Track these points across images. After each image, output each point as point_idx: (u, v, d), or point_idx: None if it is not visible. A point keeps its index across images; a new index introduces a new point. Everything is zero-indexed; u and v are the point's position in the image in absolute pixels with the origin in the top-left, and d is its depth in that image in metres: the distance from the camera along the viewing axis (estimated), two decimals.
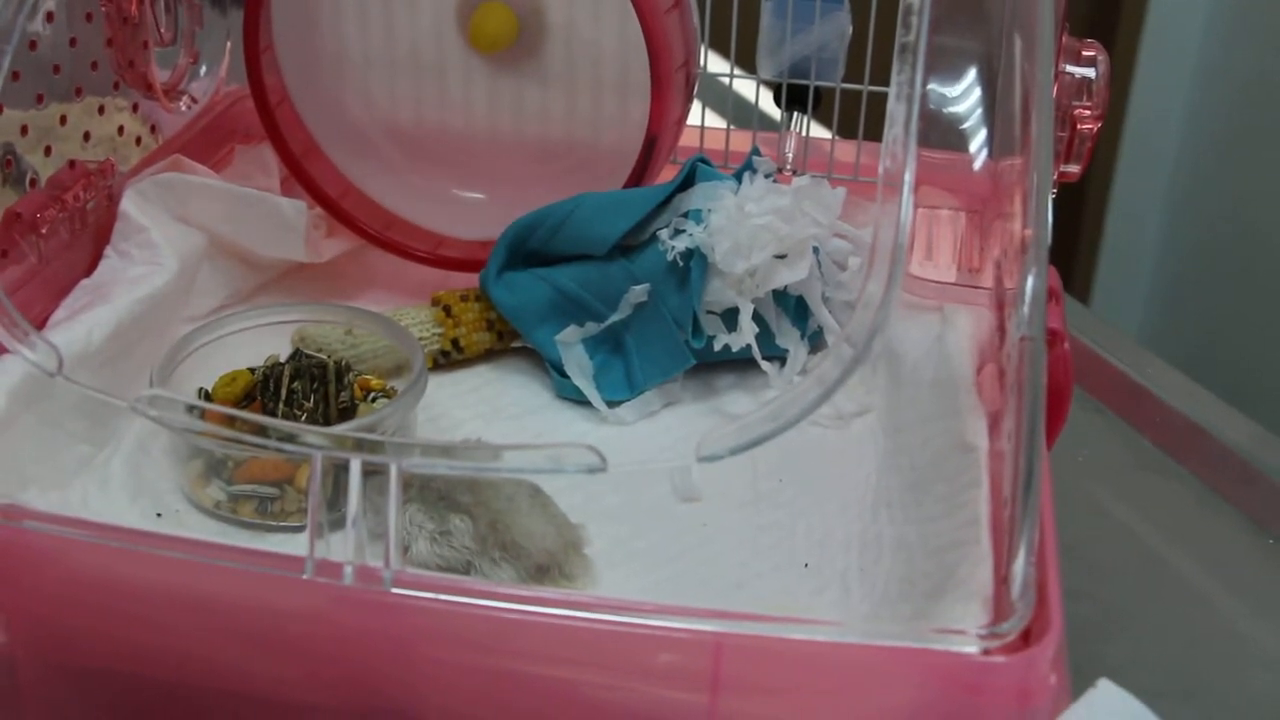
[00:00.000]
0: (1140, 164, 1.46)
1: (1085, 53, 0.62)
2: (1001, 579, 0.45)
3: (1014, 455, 0.46)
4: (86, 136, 0.68)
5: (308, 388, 0.59)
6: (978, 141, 0.58)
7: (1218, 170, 1.41)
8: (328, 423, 0.59)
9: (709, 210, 0.65)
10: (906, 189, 0.45)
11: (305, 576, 0.44)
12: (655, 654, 0.43)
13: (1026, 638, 0.43)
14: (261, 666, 0.46)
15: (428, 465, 0.45)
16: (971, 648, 0.42)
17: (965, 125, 0.58)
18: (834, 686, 0.43)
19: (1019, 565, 0.43)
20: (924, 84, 0.47)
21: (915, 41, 0.47)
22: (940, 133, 0.58)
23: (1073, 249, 1.50)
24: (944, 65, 0.57)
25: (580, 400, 0.65)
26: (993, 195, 0.63)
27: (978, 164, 0.58)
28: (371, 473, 0.45)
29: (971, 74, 0.57)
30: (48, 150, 0.65)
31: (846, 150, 0.76)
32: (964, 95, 0.58)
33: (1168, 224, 1.48)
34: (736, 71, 0.76)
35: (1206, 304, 1.44)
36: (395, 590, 0.44)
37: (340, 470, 0.45)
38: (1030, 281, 0.48)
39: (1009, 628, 0.42)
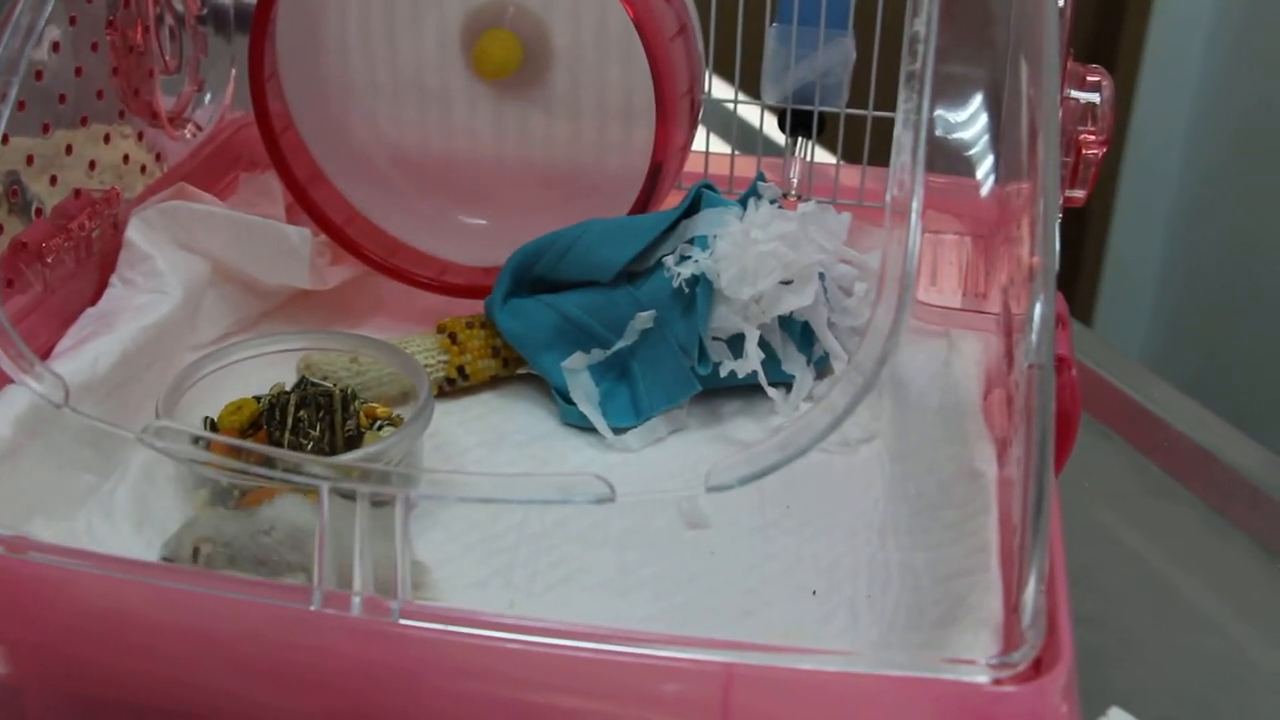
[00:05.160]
0: (1142, 186, 1.46)
1: (1090, 78, 0.62)
2: (1012, 608, 0.45)
3: (1023, 483, 0.46)
4: (92, 165, 0.68)
5: (314, 416, 0.59)
6: (984, 167, 0.58)
7: (1219, 192, 1.41)
8: (334, 451, 0.59)
9: (715, 236, 0.65)
10: (914, 216, 0.45)
11: (313, 608, 0.44)
12: (665, 684, 0.43)
13: (1038, 667, 0.42)
14: (268, 698, 0.45)
15: (435, 495, 0.45)
16: (982, 677, 0.42)
17: (971, 151, 0.58)
18: (844, 716, 0.43)
19: (1030, 594, 0.43)
20: (931, 111, 0.47)
21: (922, 70, 0.47)
22: (946, 159, 0.58)
23: (1076, 271, 1.50)
24: (950, 92, 0.57)
25: (586, 427, 0.65)
26: (999, 220, 0.63)
27: (985, 190, 0.58)
28: (380, 504, 0.45)
29: (977, 100, 0.57)
30: (53, 179, 0.65)
31: (851, 175, 0.76)
32: (970, 121, 0.58)
33: (1170, 246, 1.48)
34: (741, 97, 0.76)
35: (1209, 326, 1.44)
36: (403, 621, 0.44)
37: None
38: (1039, 309, 0.48)
39: (1020, 657, 0.42)
